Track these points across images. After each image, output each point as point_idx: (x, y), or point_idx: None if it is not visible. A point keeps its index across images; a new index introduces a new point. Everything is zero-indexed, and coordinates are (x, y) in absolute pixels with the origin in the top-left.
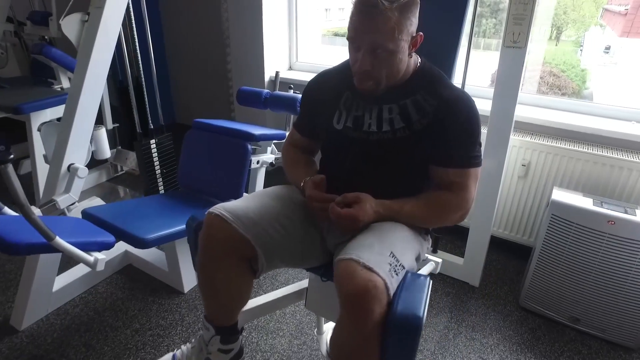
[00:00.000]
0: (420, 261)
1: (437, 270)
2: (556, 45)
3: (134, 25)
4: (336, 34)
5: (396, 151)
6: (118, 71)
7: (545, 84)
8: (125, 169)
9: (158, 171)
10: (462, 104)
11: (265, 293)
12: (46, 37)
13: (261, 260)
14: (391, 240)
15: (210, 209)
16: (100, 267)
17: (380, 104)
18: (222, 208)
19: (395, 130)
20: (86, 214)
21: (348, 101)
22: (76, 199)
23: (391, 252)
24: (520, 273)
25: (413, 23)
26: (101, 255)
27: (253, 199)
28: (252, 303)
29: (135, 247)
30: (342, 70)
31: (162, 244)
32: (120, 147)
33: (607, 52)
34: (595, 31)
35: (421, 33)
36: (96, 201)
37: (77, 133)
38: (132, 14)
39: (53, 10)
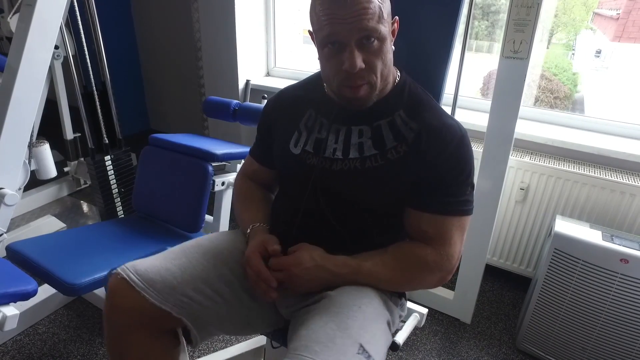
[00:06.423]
0: (393, 329)
1: (422, 323)
2: (547, 48)
3: (97, 22)
4: None
5: (364, 186)
6: (82, 75)
7: (537, 88)
8: (88, 182)
9: (115, 191)
10: (450, 132)
11: (213, 351)
12: None
13: (193, 332)
14: (358, 324)
15: (118, 268)
16: (10, 325)
17: (349, 124)
18: (131, 268)
19: (364, 159)
20: (11, 251)
21: (310, 120)
22: (4, 230)
23: (360, 346)
24: (516, 306)
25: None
26: (12, 310)
27: (177, 256)
28: None
29: (63, 293)
30: (304, 86)
31: (99, 289)
32: (82, 159)
33: (598, 56)
34: (587, 35)
35: (396, 17)
36: (50, 220)
37: (6, 151)
38: (94, 9)
39: (5, 7)
